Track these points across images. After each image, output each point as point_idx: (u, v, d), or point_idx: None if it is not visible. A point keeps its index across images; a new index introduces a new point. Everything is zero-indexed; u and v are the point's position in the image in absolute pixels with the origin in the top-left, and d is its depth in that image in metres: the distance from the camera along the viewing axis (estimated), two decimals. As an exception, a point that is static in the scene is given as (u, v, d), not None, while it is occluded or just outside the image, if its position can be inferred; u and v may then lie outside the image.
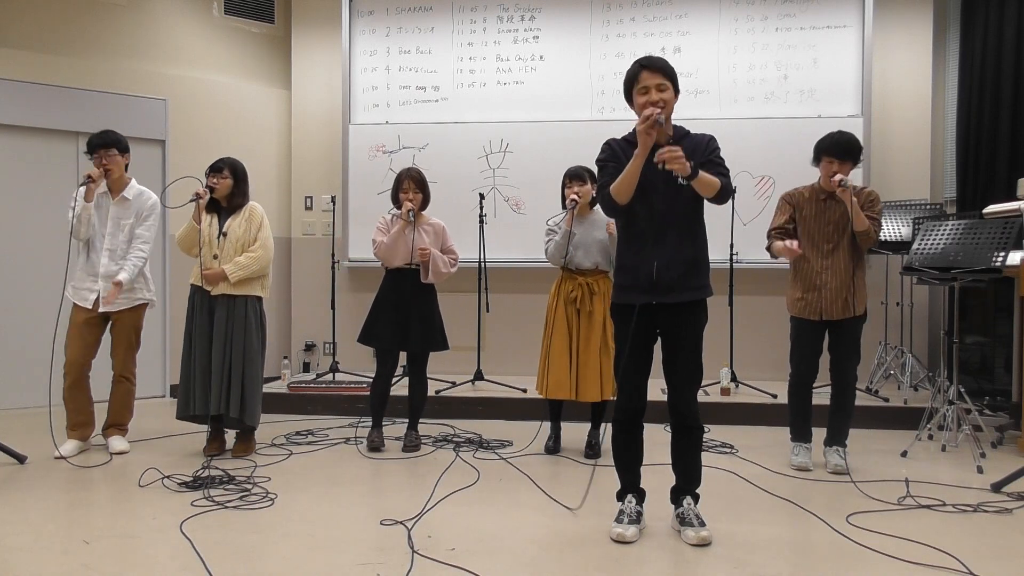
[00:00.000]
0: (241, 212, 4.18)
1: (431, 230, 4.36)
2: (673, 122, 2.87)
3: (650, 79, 2.79)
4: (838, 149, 3.77)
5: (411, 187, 4.27)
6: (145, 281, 4.29)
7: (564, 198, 4.14)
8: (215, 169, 4.13)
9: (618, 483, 3.10)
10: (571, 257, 4.07)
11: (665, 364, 2.95)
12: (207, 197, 4.08)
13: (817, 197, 3.87)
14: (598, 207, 4.19)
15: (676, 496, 3.03)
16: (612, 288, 3.04)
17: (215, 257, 4.10)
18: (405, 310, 4.26)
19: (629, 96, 2.88)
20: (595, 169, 3.17)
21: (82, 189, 4.07)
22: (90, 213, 4.12)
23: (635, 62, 2.88)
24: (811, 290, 3.84)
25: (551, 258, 4.17)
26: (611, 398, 4.06)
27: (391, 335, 4.26)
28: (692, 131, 2.97)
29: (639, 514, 3.00)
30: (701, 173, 2.73)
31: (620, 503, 3.04)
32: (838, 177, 3.70)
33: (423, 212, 4.38)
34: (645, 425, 3.06)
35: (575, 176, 4.11)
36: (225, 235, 4.11)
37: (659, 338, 2.96)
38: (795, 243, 3.72)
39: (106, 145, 4.12)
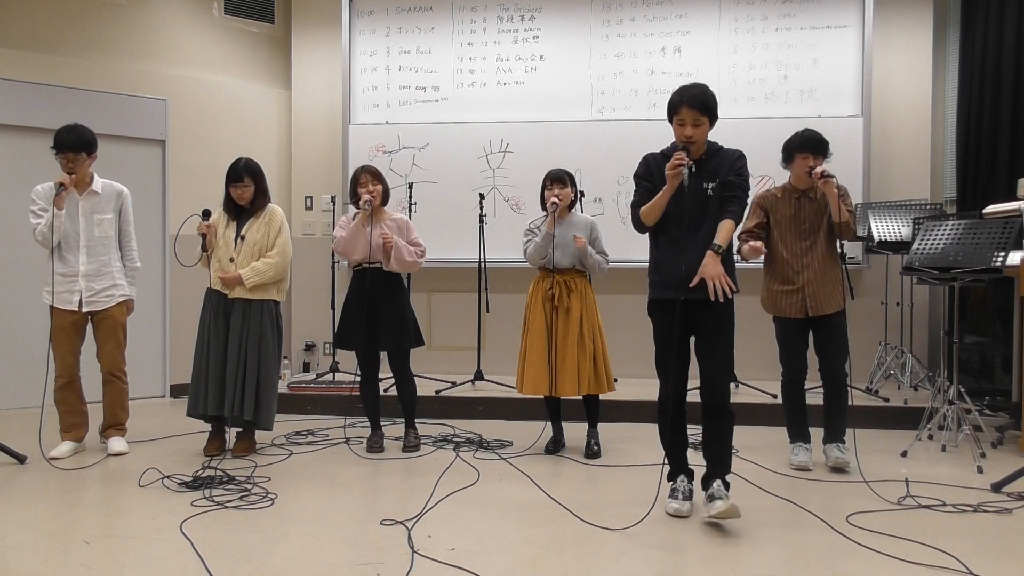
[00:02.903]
0: (262, 215, 4.17)
1: (394, 225, 4.28)
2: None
3: (687, 114, 3.03)
4: (810, 144, 3.82)
5: (368, 180, 4.20)
6: (124, 276, 4.27)
7: (543, 200, 4.17)
8: (237, 179, 4.10)
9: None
10: (549, 256, 4.12)
11: (698, 352, 3.17)
12: (213, 235, 4.12)
13: (790, 197, 3.91)
14: (576, 209, 4.27)
15: (706, 482, 3.13)
16: (648, 286, 3.24)
17: (232, 260, 4.10)
18: (373, 310, 4.21)
19: (670, 118, 3.12)
20: (574, 174, 3.96)
21: (41, 189, 4.05)
22: (61, 221, 4.07)
23: (677, 92, 3.07)
24: (794, 291, 3.87)
25: (530, 259, 4.21)
26: (592, 393, 4.12)
27: (362, 337, 4.21)
28: (723, 145, 3.18)
29: (691, 491, 3.22)
30: (722, 240, 3.03)
31: (672, 482, 3.25)
32: (820, 168, 3.71)
33: (385, 208, 4.33)
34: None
35: (556, 179, 4.15)
36: (243, 238, 4.11)
37: (694, 332, 3.17)
38: (759, 243, 3.59)
39: (75, 149, 4.04)
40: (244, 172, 4.10)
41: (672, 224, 3.11)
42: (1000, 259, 3.86)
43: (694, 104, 3.01)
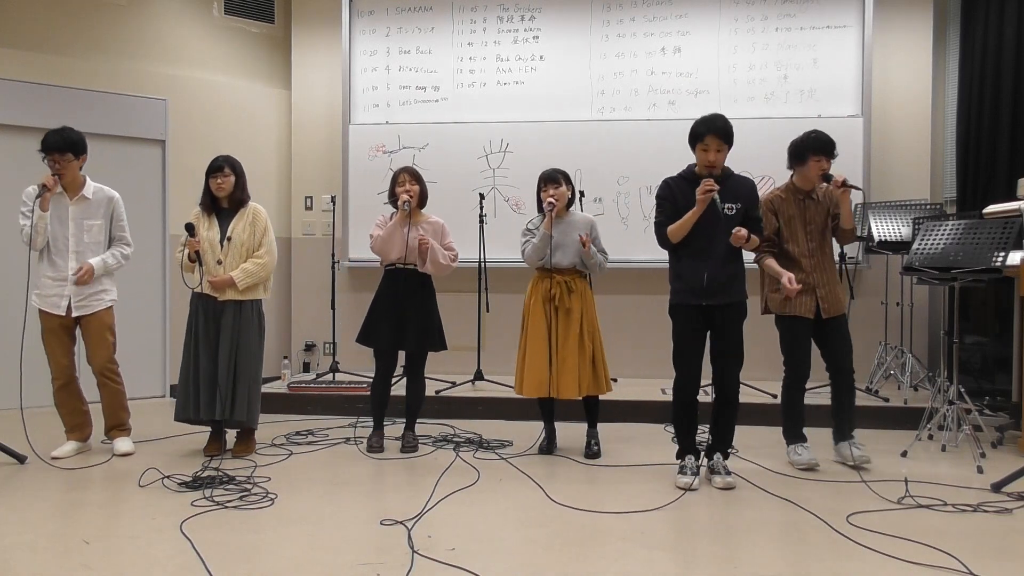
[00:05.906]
0: (244, 215, 4.16)
1: (430, 228, 4.32)
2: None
3: (712, 141, 3.50)
4: (825, 147, 3.85)
5: (407, 179, 4.25)
6: (111, 281, 4.23)
7: (539, 201, 4.16)
8: (216, 168, 4.10)
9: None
10: (548, 258, 4.10)
11: (713, 349, 3.65)
12: (200, 240, 4.08)
13: (795, 198, 3.95)
14: (574, 208, 4.27)
15: (710, 452, 3.68)
16: (670, 292, 3.68)
17: (219, 263, 4.09)
18: (403, 310, 4.23)
19: (692, 143, 3.58)
20: (574, 174, 4.28)
21: (31, 190, 4.01)
22: (47, 222, 4.04)
23: (703, 124, 3.52)
24: (805, 291, 3.87)
25: (528, 259, 4.19)
26: (591, 394, 4.12)
27: (389, 335, 4.24)
28: (732, 171, 3.64)
29: (698, 467, 3.64)
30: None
31: (681, 460, 3.68)
32: (843, 178, 3.78)
33: (422, 211, 4.36)
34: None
35: (550, 179, 4.15)
36: (230, 240, 4.10)
37: (709, 331, 3.63)
38: (793, 278, 3.76)
39: (61, 149, 3.99)
40: (224, 162, 4.11)
41: (695, 238, 3.53)
42: (1000, 259, 3.86)
43: (720, 134, 3.48)
